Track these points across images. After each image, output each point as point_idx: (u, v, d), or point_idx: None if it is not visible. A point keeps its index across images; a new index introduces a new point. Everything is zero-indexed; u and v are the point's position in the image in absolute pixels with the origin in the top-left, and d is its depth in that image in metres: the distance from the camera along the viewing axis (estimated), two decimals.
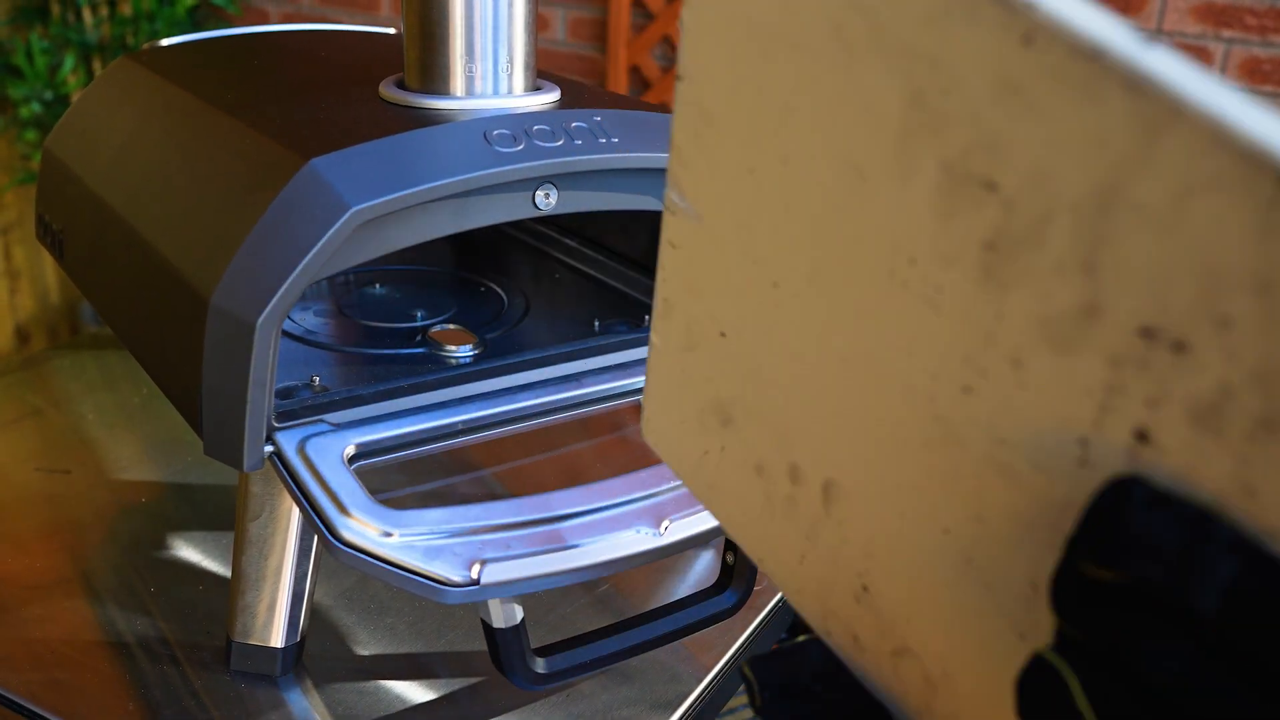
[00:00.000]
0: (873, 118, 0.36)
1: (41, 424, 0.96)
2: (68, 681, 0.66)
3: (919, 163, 0.34)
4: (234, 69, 0.80)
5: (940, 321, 0.35)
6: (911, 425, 0.38)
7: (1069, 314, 0.31)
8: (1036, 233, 0.31)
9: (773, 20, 0.38)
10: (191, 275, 0.59)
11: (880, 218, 0.36)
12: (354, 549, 0.55)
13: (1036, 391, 0.33)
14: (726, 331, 0.45)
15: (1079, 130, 0.29)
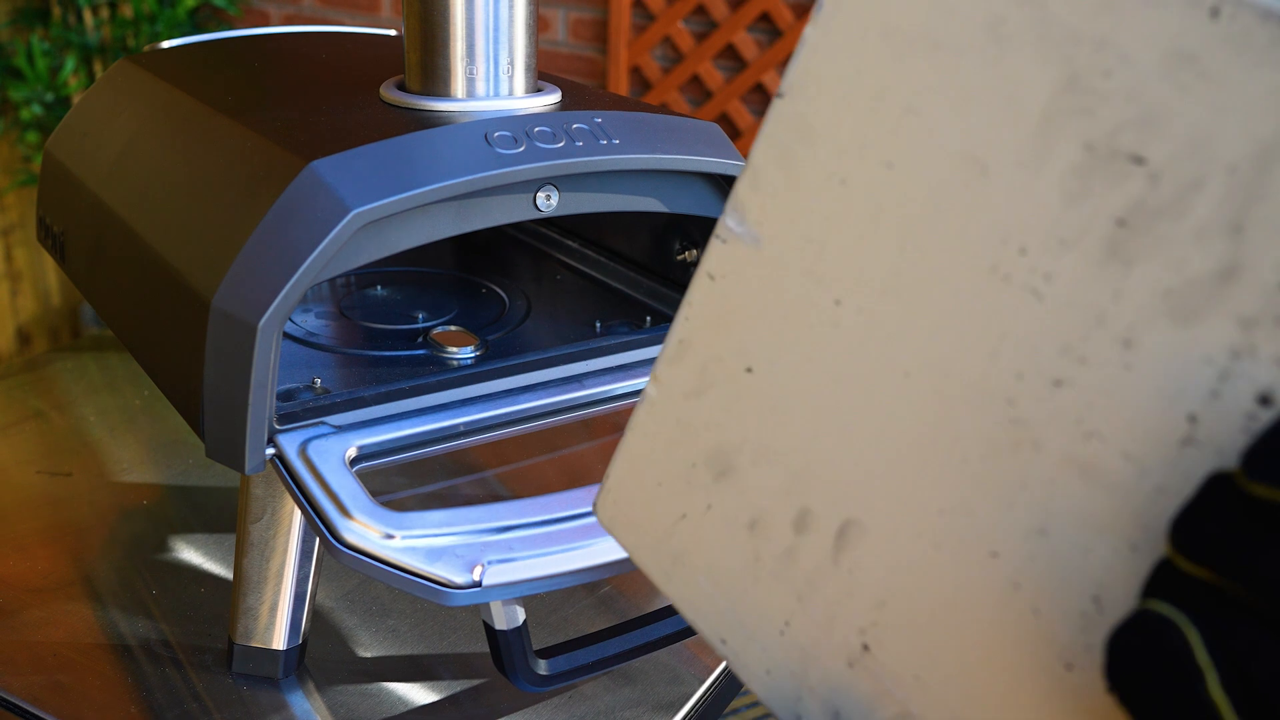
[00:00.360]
0: (1013, 108, 0.37)
1: (43, 426, 0.96)
2: (70, 684, 0.66)
3: (1058, 147, 0.36)
4: (234, 71, 0.80)
5: (1042, 311, 0.36)
6: (977, 436, 0.38)
7: (1202, 280, 0.32)
8: (1180, 201, 0.32)
9: (917, 21, 0.39)
10: (193, 277, 0.59)
11: (993, 211, 0.37)
12: (356, 551, 0.55)
13: (1145, 371, 0.33)
14: (754, 366, 0.44)
15: (1254, 91, 0.31)
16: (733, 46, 2.09)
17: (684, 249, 0.81)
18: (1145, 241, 0.33)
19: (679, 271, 0.83)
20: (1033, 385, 0.36)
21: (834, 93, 0.41)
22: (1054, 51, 0.36)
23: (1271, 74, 0.31)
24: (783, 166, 0.43)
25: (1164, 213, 0.33)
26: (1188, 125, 0.32)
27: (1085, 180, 0.35)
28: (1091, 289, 0.34)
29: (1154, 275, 0.33)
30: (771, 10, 2.02)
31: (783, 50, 2.03)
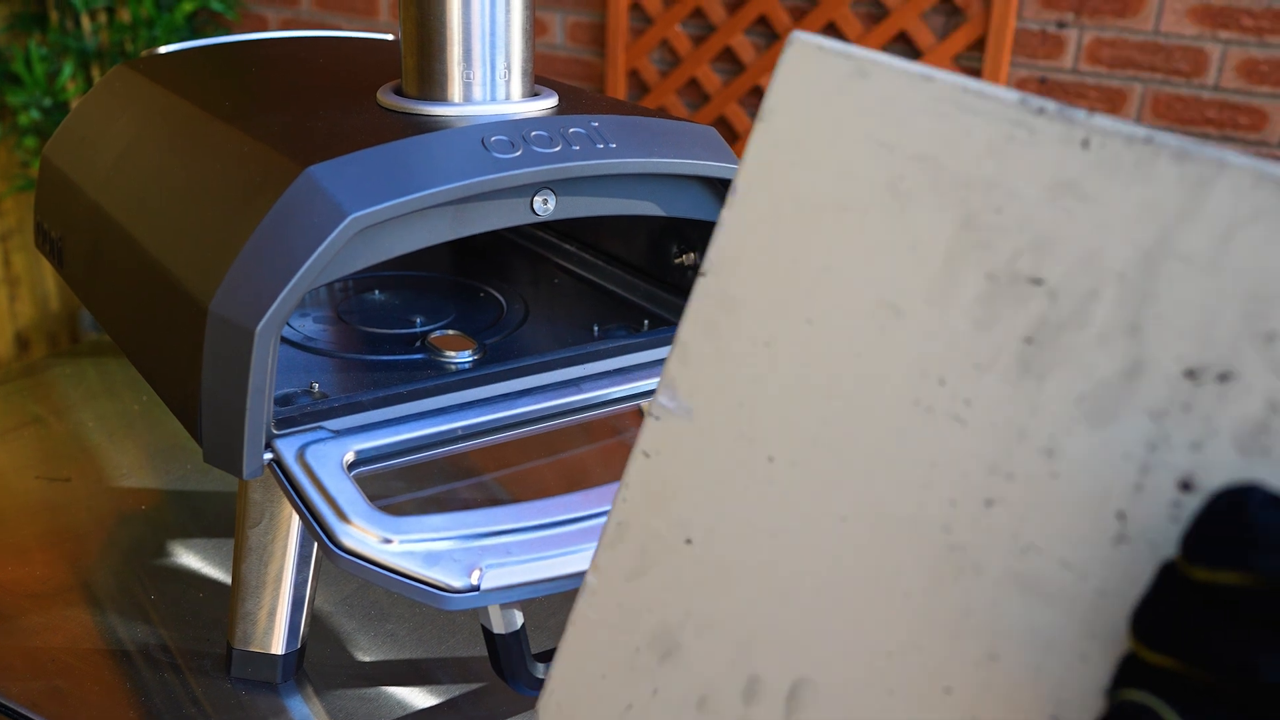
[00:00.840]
0: (918, 252, 0.40)
1: (42, 432, 0.97)
2: (69, 689, 0.66)
3: (963, 280, 0.39)
4: (232, 76, 0.80)
5: (966, 435, 0.38)
6: (918, 568, 0.39)
7: (1111, 381, 0.35)
8: (1080, 312, 0.36)
9: (824, 190, 0.42)
10: (190, 283, 0.59)
11: (910, 348, 0.40)
12: (354, 556, 0.55)
13: (1071, 476, 0.36)
14: (693, 537, 0.44)
15: (1129, 206, 0.35)
16: (730, 49, 2.09)
17: (681, 252, 0.82)
18: (1053, 354, 0.36)
19: (676, 275, 0.83)
20: (966, 509, 0.38)
21: (754, 264, 0.43)
22: (949, 197, 0.39)
23: (1142, 189, 0.34)
24: (710, 338, 0.44)
25: (1066, 325, 0.36)
26: (1076, 244, 0.36)
27: (991, 307, 0.38)
28: (1010, 407, 0.37)
29: (1066, 384, 0.36)
30: (769, 13, 2.02)
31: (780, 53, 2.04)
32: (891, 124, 0.42)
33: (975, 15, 1.89)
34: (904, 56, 1.99)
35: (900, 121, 0.42)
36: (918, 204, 0.41)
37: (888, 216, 0.41)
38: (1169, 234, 0.34)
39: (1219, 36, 1.77)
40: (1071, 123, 0.36)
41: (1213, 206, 0.33)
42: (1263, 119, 1.77)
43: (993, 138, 0.39)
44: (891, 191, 0.41)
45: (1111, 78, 1.85)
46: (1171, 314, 0.34)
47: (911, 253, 0.40)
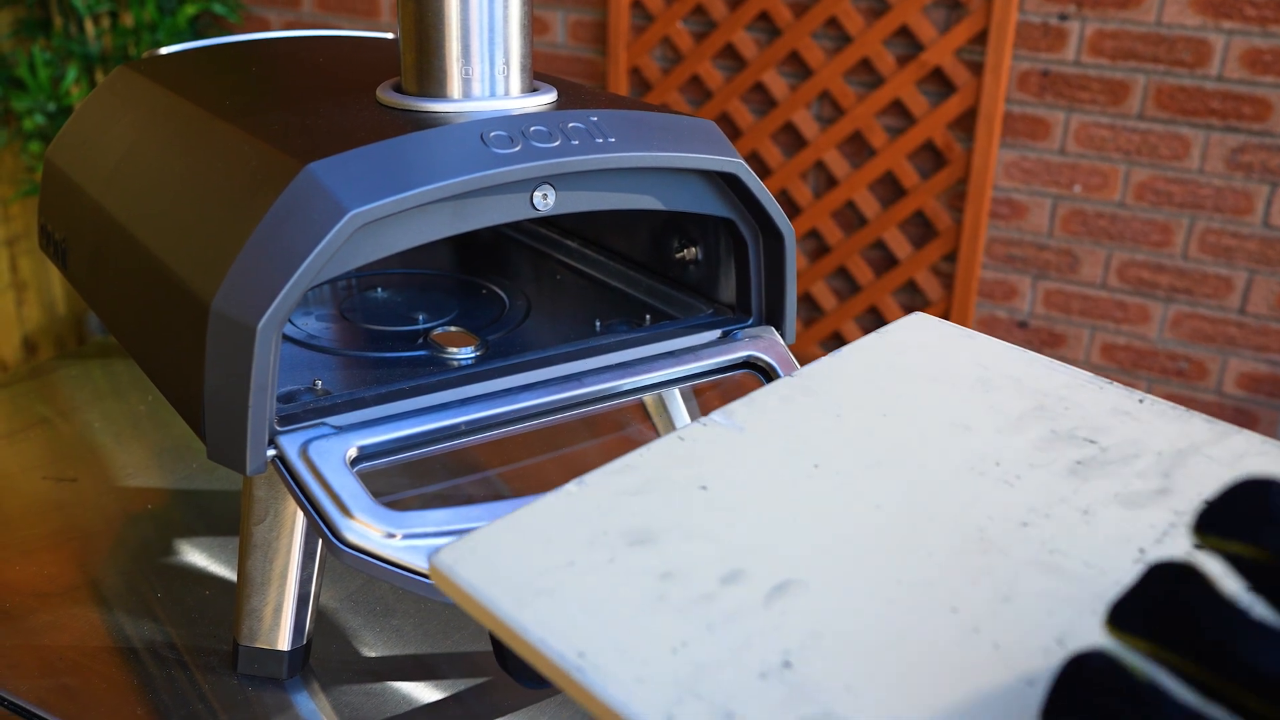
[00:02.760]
0: (995, 410, 0.52)
1: (49, 433, 0.97)
2: (77, 687, 0.67)
3: (1029, 428, 0.51)
4: (232, 76, 0.81)
5: (1012, 492, 0.47)
6: (949, 542, 0.45)
7: (1144, 493, 0.47)
8: (1125, 460, 0.48)
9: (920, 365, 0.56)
10: (192, 281, 0.59)
11: (975, 445, 0.50)
12: (358, 551, 0.55)
13: (1101, 526, 0.45)
14: (709, 486, 0.48)
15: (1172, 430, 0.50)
16: (732, 46, 2.10)
17: (682, 247, 0.82)
18: (1099, 472, 0.48)
19: (677, 270, 0.83)
20: (1002, 525, 0.45)
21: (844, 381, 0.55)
22: (1027, 395, 0.53)
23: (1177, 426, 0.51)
24: (785, 402, 0.53)
25: (1112, 464, 0.48)
26: (1125, 435, 0.50)
27: (1050, 445, 0.50)
28: (1055, 488, 0.47)
29: (1106, 487, 0.47)
30: (770, 9, 2.02)
31: (782, 49, 2.04)
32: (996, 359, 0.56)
33: (977, 8, 1.88)
34: (906, 51, 1.99)
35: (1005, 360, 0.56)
36: (1003, 393, 0.53)
37: (974, 394, 0.54)
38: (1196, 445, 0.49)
39: (1222, 27, 1.76)
40: (1131, 392, 0.53)
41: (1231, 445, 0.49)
42: (1266, 109, 1.77)
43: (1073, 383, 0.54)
44: (983, 384, 0.54)
45: (1114, 69, 1.84)
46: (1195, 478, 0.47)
47: (989, 409, 0.52)
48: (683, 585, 0.42)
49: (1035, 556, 0.43)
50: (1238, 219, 1.84)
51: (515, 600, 0.42)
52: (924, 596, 0.42)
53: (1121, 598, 0.34)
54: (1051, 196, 1.95)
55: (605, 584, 0.42)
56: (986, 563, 0.43)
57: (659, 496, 0.47)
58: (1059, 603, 0.41)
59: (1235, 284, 1.87)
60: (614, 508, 0.46)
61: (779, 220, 0.73)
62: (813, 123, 2.07)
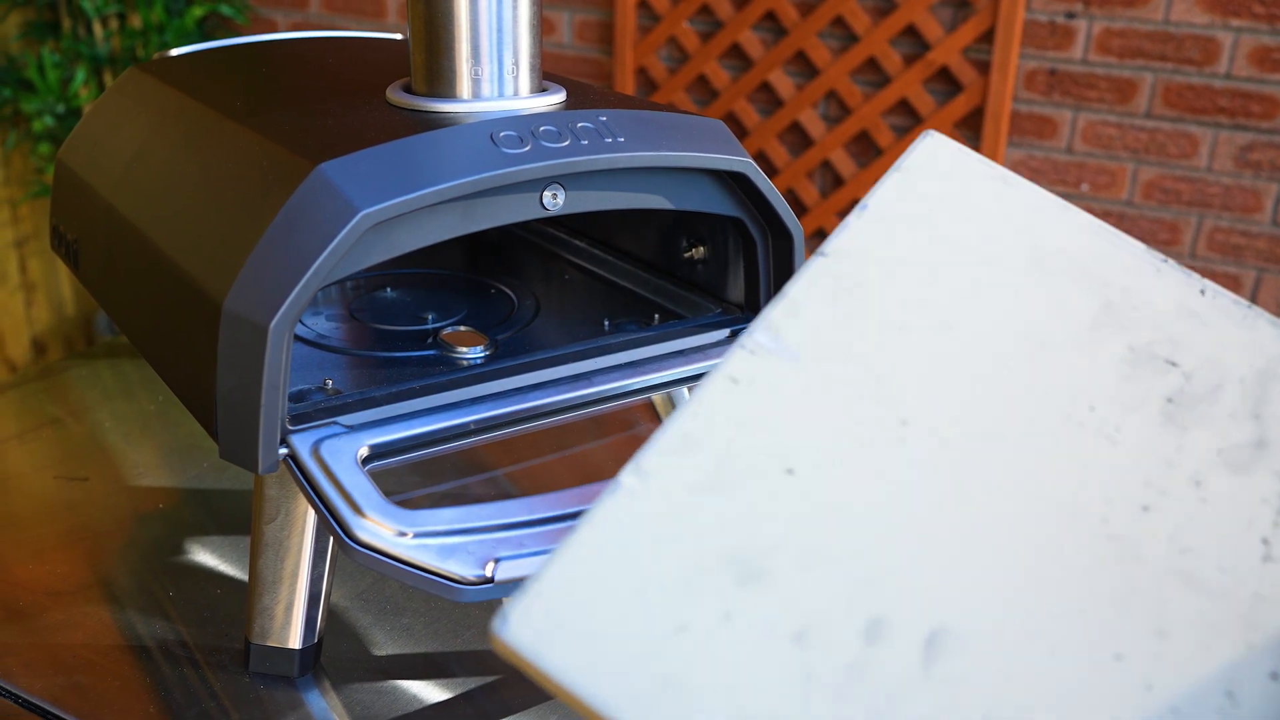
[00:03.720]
0: (1064, 312, 0.47)
1: (60, 433, 0.97)
2: (89, 685, 0.67)
3: (1107, 343, 0.47)
4: (242, 77, 0.81)
5: (1118, 453, 0.44)
6: (1077, 547, 0.41)
7: (1243, 446, 0.44)
8: (1212, 394, 0.45)
9: (968, 238, 0.48)
10: (204, 281, 0.59)
11: (1059, 375, 0.46)
12: (369, 549, 0.56)
13: (1217, 504, 0.43)
14: (796, 469, 0.41)
15: (1243, 340, 0.46)
16: (738, 45, 2.10)
17: (691, 246, 0.82)
18: (1192, 416, 0.45)
19: (686, 269, 0.83)
20: (1122, 509, 0.42)
21: (889, 267, 0.47)
22: (1092, 286, 0.47)
23: (1250, 333, 0.46)
24: (829, 306, 0.46)
25: (1201, 399, 0.45)
26: (1202, 349, 0.46)
27: (1134, 368, 0.46)
28: (1157, 443, 0.44)
29: (1206, 439, 0.44)
30: (776, 8, 2.02)
31: (788, 48, 2.04)
32: (1035, 221, 0.49)
33: (984, 7, 1.88)
34: (912, 50, 1.99)
35: (1045, 223, 0.49)
36: (1062, 280, 0.48)
37: (1032, 280, 0.47)
38: (1273, 365, 0.45)
39: (1230, 24, 1.76)
40: (1189, 275, 0.48)
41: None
42: (1275, 107, 1.76)
43: (1127, 262, 0.48)
44: (1037, 266, 0.48)
45: (1122, 68, 1.84)
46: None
47: (1058, 309, 0.47)
48: (822, 650, 0.37)
49: (1169, 562, 0.41)
50: (1246, 217, 1.83)
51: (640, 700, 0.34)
52: (1082, 638, 0.38)
53: None
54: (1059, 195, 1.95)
55: (736, 660, 0.36)
56: (1125, 576, 0.40)
57: (744, 492, 0.40)
58: (1213, 633, 0.39)
59: (1244, 282, 1.87)
60: (695, 516, 0.39)
61: (788, 220, 0.73)
62: (819, 122, 2.07)
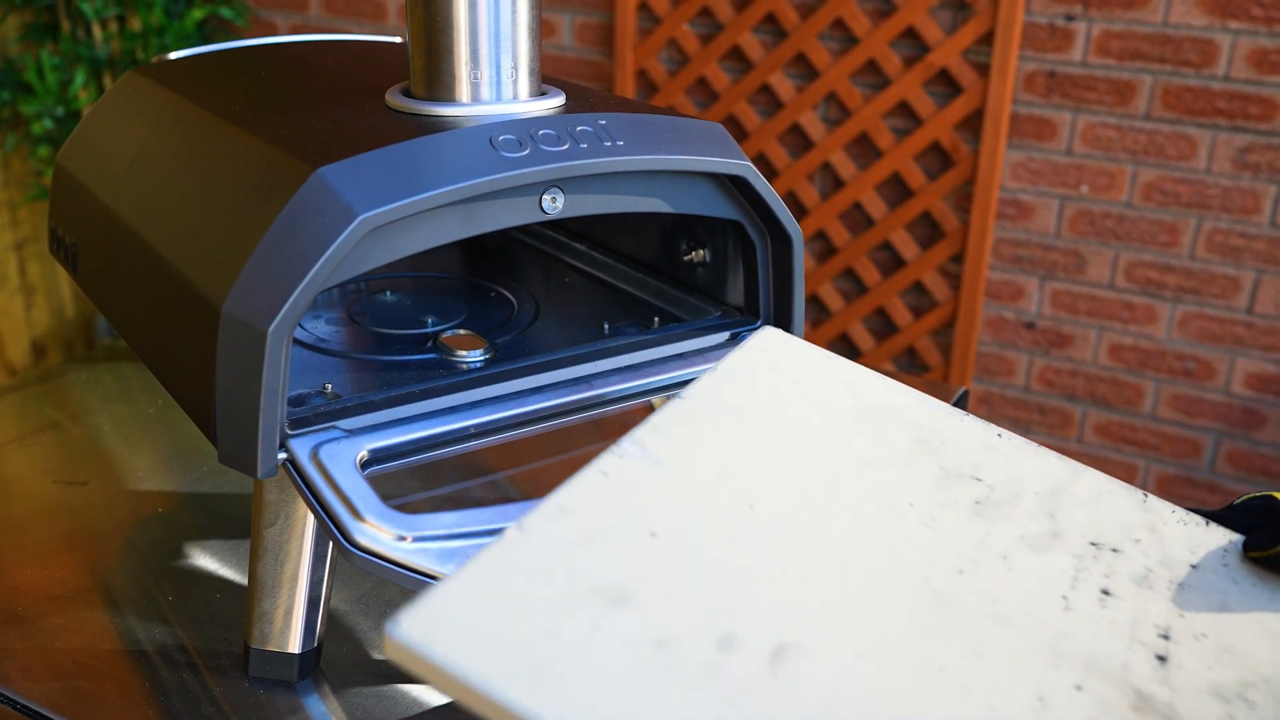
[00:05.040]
0: (883, 442, 0.58)
1: (59, 437, 0.97)
2: (88, 690, 0.67)
3: (920, 465, 0.57)
4: (241, 81, 0.81)
5: (935, 536, 0.53)
6: (904, 595, 0.49)
7: (1041, 534, 0.54)
8: (1012, 500, 0.56)
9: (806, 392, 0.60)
10: (203, 285, 0.59)
11: (883, 483, 0.55)
12: (368, 553, 0.56)
13: (1022, 572, 0.52)
14: (658, 533, 0.47)
15: (1036, 467, 0.58)
16: (738, 48, 2.10)
17: (690, 249, 0.82)
18: (997, 514, 0.55)
19: (686, 272, 0.83)
20: (941, 571, 0.50)
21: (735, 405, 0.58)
22: (904, 427, 0.59)
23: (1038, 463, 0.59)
24: (688, 429, 0.55)
25: (1003, 504, 0.56)
26: (1002, 473, 0.58)
27: (945, 481, 0.56)
28: (968, 530, 0.53)
29: (1009, 529, 0.54)
30: (776, 11, 2.02)
31: (788, 51, 2.04)
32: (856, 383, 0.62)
33: (983, 9, 1.88)
34: (912, 52, 1.99)
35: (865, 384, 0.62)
36: (882, 422, 0.59)
37: (856, 420, 0.59)
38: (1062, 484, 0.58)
39: (1228, 27, 1.76)
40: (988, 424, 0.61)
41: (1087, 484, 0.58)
42: (1273, 109, 1.76)
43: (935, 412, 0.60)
44: (859, 412, 0.60)
45: (1121, 70, 1.84)
46: (1074, 517, 0.56)
47: (878, 439, 0.58)
48: (682, 656, 0.41)
49: (984, 609, 0.49)
50: (1245, 219, 1.83)
51: (520, 685, 0.38)
52: (909, 655, 0.45)
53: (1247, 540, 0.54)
54: (1058, 197, 1.95)
55: (603, 658, 0.41)
56: (947, 618, 0.48)
57: (611, 547, 0.46)
58: (1021, 659, 0.47)
59: (1243, 284, 1.87)
60: (570, 561, 0.44)
61: (787, 223, 0.73)
62: (819, 124, 2.07)
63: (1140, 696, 0.46)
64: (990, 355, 2.09)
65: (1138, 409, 2.01)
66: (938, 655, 0.46)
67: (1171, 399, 1.98)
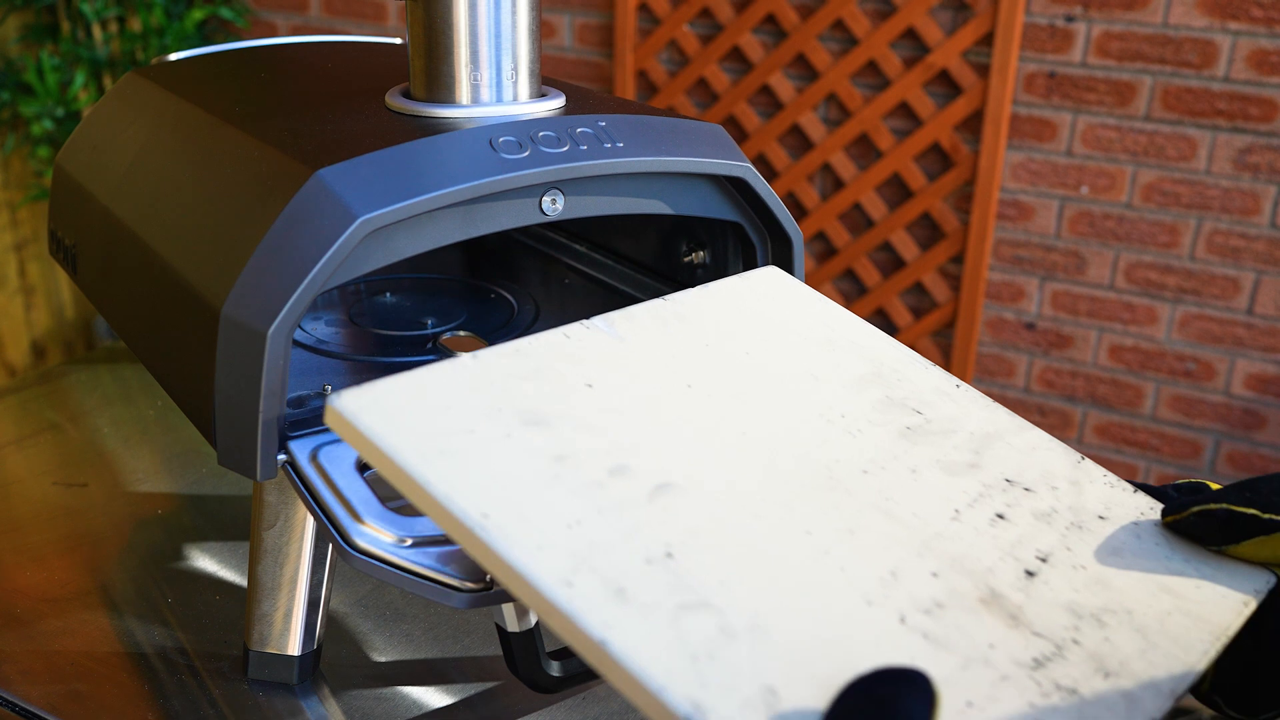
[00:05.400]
0: (839, 369, 0.61)
1: (59, 438, 0.97)
2: (87, 693, 0.67)
3: (868, 389, 0.60)
4: (241, 82, 0.81)
5: (854, 442, 0.56)
6: (801, 474, 0.52)
7: (959, 463, 0.56)
8: (944, 434, 0.58)
9: (784, 319, 0.64)
10: (202, 286, 0.59)
11: (825, 395, 0.58)
12: (368, 555, 0.56)
13: (925, 484, 0.54)
14: (594, 384, 0.54)
15: (982, 416, 0.60)
16: (738, 49, 2.10)
17: (691, 251, 0.82)
18: (924, 439, 0.57)
19: (686, 273, 0.83)
20: (846, 469, 0.53)
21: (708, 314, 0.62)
22: (866, 360, 0.62)
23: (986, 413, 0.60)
24: (657, 320, 0.60)
25: (934, 433, 0.57)
26: (946, 412, 0.59)
27: (887, 406, 0.59)
28: (889, 445, 0.56)
29: (929, 452, 0.56)
30: (776, 11, 2.02)
31: (788, 52, 2.03)
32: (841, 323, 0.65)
33: (983, 10, 1.88)
34: (912, 53, 1.99)
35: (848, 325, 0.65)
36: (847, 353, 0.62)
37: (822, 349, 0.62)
38: (1002, 433, 0.59)
39: (1228, 28, 1.76)
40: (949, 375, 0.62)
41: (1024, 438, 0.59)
42: (1273, 110, 1.76)
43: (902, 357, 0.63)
44: (830, 344, 0.63)
45: (1121, 71, 1.84)
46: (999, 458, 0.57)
47: (836, 366, 0.61)
48: (575, 470, 0.47)
49: (874, 502, 0.52)
50: (1245, 219, 1.83)
51: (420, 455, 0.45)
52: (785, 519, 0.49)
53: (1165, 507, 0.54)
54: (1058, 198, 1.95)
55: (504, 456, 0.47)
56: (835, 500, 0.51)
57: (548, 385, 0.52)
58: (892, 543, 0.49)
59: (1243, 285, 1.87)
60: (507, 388, 0.51)
61: (787, 224, 0.73)
62: (819, 125, 2.07)
63: (992, 594, 0.48)
64: (990, 356, 2.09)
65: (1138, 410, 2.01)
66: (810, 521, 0.49)
67: (1172, 400, 1.98)
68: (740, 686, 0.40)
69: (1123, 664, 0.46)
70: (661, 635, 0.41)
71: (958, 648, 0.45)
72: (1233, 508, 0.51)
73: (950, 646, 0.45)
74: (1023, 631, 0.47)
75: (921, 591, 0.47)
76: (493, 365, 0.53)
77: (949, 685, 0.43)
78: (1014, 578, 0.49)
